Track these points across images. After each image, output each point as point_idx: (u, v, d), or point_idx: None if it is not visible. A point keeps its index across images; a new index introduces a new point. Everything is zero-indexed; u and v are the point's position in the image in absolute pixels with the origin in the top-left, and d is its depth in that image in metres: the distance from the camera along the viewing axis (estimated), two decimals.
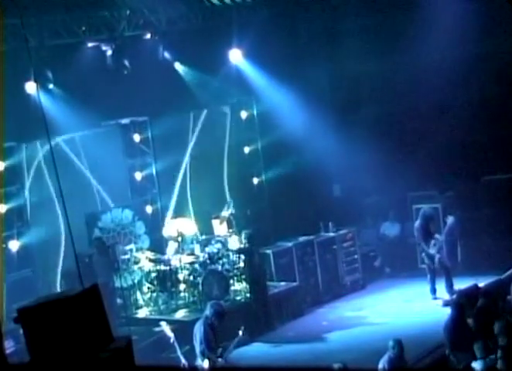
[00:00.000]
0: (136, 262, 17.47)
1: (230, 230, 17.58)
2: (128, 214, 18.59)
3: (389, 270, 19.69)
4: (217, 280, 16.69)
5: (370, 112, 19.49)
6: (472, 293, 14.35)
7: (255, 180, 20.89)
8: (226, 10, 18.78)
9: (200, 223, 18.28)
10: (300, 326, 16.95)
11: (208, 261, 16.92)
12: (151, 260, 17.31)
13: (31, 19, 15.81)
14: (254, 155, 20.83)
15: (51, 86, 16.71)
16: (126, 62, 17.66)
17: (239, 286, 17.16)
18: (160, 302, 17.14)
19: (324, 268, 18.44)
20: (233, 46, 19.44)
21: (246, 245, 17.01)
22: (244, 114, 20.79)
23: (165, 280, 17.06)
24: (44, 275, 17.05)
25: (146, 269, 17.29)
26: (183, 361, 13.32)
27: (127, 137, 19.13)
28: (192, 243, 17.46)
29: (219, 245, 17.18)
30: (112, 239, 18.01)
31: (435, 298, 17.22)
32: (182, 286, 17.01)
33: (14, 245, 16.46)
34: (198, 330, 13.31)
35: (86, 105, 16.53)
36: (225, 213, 17.86)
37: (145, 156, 19.15)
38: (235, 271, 17.12)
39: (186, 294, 16.98)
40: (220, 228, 17.73)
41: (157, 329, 14.69)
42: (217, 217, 17.87)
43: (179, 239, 17.26)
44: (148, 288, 17.30)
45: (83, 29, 17.19)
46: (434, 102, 19.12)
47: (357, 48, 19.70)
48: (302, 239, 18.46)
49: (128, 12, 17.79)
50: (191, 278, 16.87)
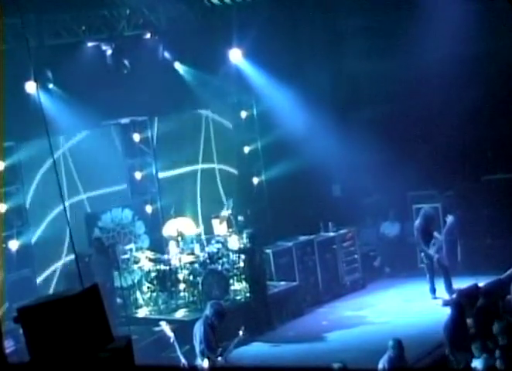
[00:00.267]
0: (136, 262, 17.46)
1: (230, 230, 17.58)
2: (128, 214, 18.59)
3: (389, 269, 19.68)
4: (217, 279, 16.68)
5: (370, 112, 19.46)
6: (472, 293, 14.34)
7: (255, 180, 20.89)
8: (226, 10, 18.77)
9: (201, 223, 18.29)
10: (300, 326, 16.94)
11: (208, 261, 16.92)
12: (151, 260, 17.30)
13: (31, 19, 15.82)
14: (254, 155, 20.82)
15: (51, 85, 16.73)
16: (126, 61, 17.67)
17: (239, 286, 17.16)
18: (160, 302, 17.13)
19: (324, 268, 18.43)
20: (233, 46, 19.43)
21: (248, 244, 17.01)
22: (244, 114, 20.78)
23: (164, 279, 17.06)
24: (44, 275, 17.06)
25: (146, 269, 17.28)
26: (183, 361, 13.29)
27: (127, 136, 19.13)
28: (192, 243, 17.46)
29: (219, 245, 17.19)
30: (112, 238, 18.02)
31: (435, 298, 17.20)
32: (182, 286, 17.00)
33: (13, 245, 16.46)
34: (198, 330, 13.30)
35: (86, 105, 16.52)
36: (225, 213, 17.86)
37: (145, 156, 19.15)
38: (235, 271, 17.13)
39: (186, 294, 16.97)
40: (220, 228, 17.73)
41: (157, 329, 14.66)
42: (217, 217, 17.87)
43: (179, 238, 17.26)
44: (148, 288, 17.29)
45: (83, 29, 17.20)
46: (434, 102, 19.10)
47: (357, 47, 19.69)
48: (302, 238, 18.46)
49: (128, 12, 17.80)
50: (191, 278, 16.86)
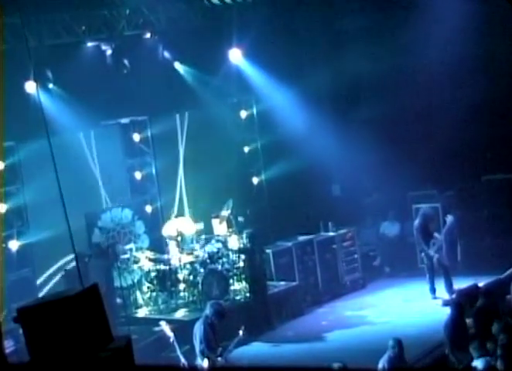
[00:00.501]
0: (136, 261, 17.46)
1: (230, 230, 17.58)
2: (128, 213, 18.59)
3: (389, 269, 19.68)
4: (217, 279, 16.68)
5: (370, 111, 19.46)
6: (471, 293, 14.34)
7: (255, 180, 20.89)
8: (226, 9, 18.77)
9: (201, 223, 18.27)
10: (300, 326, 16.94)
11: (208, 261, 16.92)
12: (150, 260, 17.30)
13: (31, 19, 15.81)
14: (254, 155, 20.83)
15: (51, 85, 16.73)
16: (126, 61, 17.66)
17: (239, 285, 17.16)
18: (160, 302, 17.13)
19: (324, 268, 18.43)
20: (233, 46, 19.43)
21: (247, 244, 17.01)
22: (244, 114, 20.79)
23: (164, 279, 17.05)
24: (44, 275, 17.05)
25: (146, 268, 17.28)
26: (183, 360, 13.30)
27: (126, 136, 19.12)
28: (192, 243, 17.45)
29: (219, 244, 17.18)
30: (112, 238, 18.02)
31: (435, 298, 17.20)
32: (181, 285, 17.00)
33: (13, 245, 16.46)
34: (198, 329, 13.30)
35: (85, 104, 16.52)
36: (225, 213, 17.85)
37: (145, 156, 19.15)
38: (235, 271, 17.12)
39: (186, 294, 16.96)
40: (220, 227, 17.72)
41: (157, 329, 14.66)
42: (217, 217, 17.86)
43: (179, 238, 17.25)
44: (148, 288, 17.29)
45: (82, 29, 17.19)
46: (434, 102, 19.11)
47: (357, 48, 19.67)
48: (302, 238, 18.46)
49: (128, 12, 17.79)
50: (191, 278, 16.86)
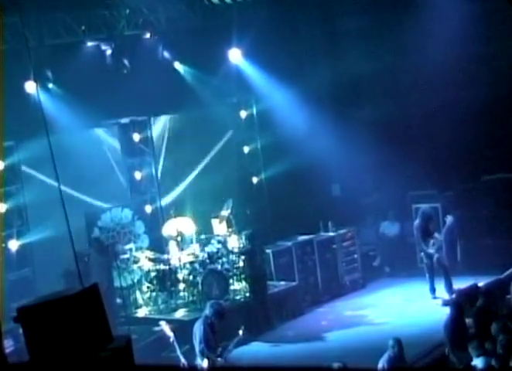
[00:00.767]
0: (136, 261, 17.47)
1: (230, 230, 17.58)
2: (128, 213, 18.60)
3: (388, 269, 19.68)
4: (217, 279, 16.68)
5: (370, 111, 19.47)
6: (471, 292, 14.34)
7: (255, 179, 20.89)
8: (225, 9, 18.78)
9: (200, 223, 18.27)
10: (299, 325, 16.94)
11: (208, 261, 16.92)
12: (150, 260, 17.30)
13: (31, 19, 15.82)
14: (254, 155, 20.84)
15: (51, 85, 16.74)
16: (126, 61, 17.67)
17: (238, 285, 17.16)
18: (160, 301, 17.14)
19: (323, 267, 18.43)
20: (232, 46, 19.43)
21: (247, 245, 17.01)
22: (244, 114, 20.80)
23: (164, 279, 17.06)
24: (43, 274, 17.04)
25: (146, 268, 17.28)
26: (183, 360, 13.30)
27: (126, 136, 19.13)
28: (191, 243, 17.45)
29: (218, 245, 17.18)
30: (112, 238, 18.02)
31: (435, 298, 17.19)
32: (181, 285, 17.00)
33: (13, 244, 16.47)
34: (197, 329, 13.30)
35: (85, 104, 16.52)
36: (224, 213, 17.85)
37: (145, 155, 19.15)
38: (235, 271, 17.13)
39: (186, 294, 16.97)
40: (220, 227, 17.72)
41: (156, 329, 14.66)
42: (217, 217, 17.86)
43: (179, 238, 17.26)
44: (148, 288, 17.29)
45: (82, 29, 17.20)
46: (434, 102, 19.10)
47: (357, 47, 19.68)
48: (302, 238, 18.45)
49: (128, 12, 17.80)
50: (190, 278, 16.86)
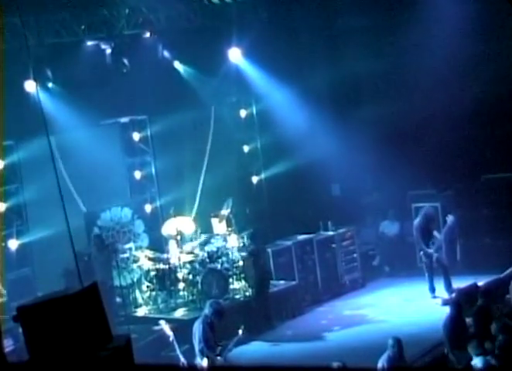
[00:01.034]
0: (135, 260, 17.47)
1: (230, 229, 17.58)
2: (127, 213, 18.61)
3: (388, 268, 19.68)
4: (217, 278, 16.68)
5: (370, 111, 19.45)
6: (471, 292, 14.34)
7: (254, 179, 20.89)
8: (225, 9, 18.77)
9: (200, 222, 18.28)
10: (299, 325, 16.93)
11: (207, 260, 16.92)
12: (150, 259, 17.30)
13: (30, 18, 15.81)
14: (254, 154, 20.83)
15: (50, 84, 16.74)
16: (125, 60, 17.65)
17: (238, 285, 17.16)
18: (159, 301, 17.14)
19: (323, 267, 18.43)
20: (232, 45, 19.42)
21: (250, 244, 17.00)
22: (244, 113, 20.79)
23: (164, 278, 17.06)
24: (43, 274, 17.04)
25: (145, 267, 17.28)
26: (182, 360, 13.29)
27: (126, 135, 19.13)
28: (191, 242, 17.44)
29: (218, 244, 17.18)
30: (111, 237, 18.03)
31: (434, 297, 17.18)
32: (181, 285, 17.00)
33: (13, 244, 16.47)
34: (197, 329, 13.30)
35: (85, 104, 16.53)
36: (224, 212, 17.85)
37: (145, 155, 19.16)
38: (234, 270, 17.13)
39: (185, 293, 16.97)
40: (219, 227, 17.72)
41: (156, 328, 14.65)
42: (216, 216, 17.86)
43: (179, 237, 17.26)
44: (148, 287, 17.29)
45: (82, 28, 17.19)
46: (433, 101, 19.09)
47: (357, 47, 19.67)
48: (302, 237, 18.44)
49: (128, 11, 17.78)
50: (190, 277, 16.87)
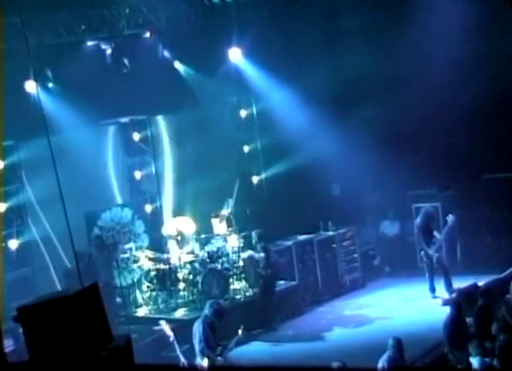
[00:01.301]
0: (135, 261, 17.47)
1: (230, 229, 17.58)
2: (128, 213, 18.61)
3: (388, 268, 19.68)
4: (217, 279, 16.68)
5: (370, 111, 19.44)
6: (471, 292, 14.34)
7: (255, 179, 20.89)
8: (225, 9, 18.77)
9: (200, 222, 18.28)
10: (299, 325, 16.93)
11: (207, 260, 16.92)
12: (150, 259, 17.31)
13: (30, 18, 15.79)
14: (254, 154, 20.83)
15: (50, 84, 16.75)
16: (125, 60, 17.66)
17: (238, 285, 17.16)
18: (159, 301, 17.14)
19: (323, 267, 18.43)
20: (232, 45, 19.43)
21: (257, 244, 16.99)
22: (244, 113, 20.79)
23: (164, 278, 17.06)
24: (43, 274, 17.05)
25: (146, 268, 17.28)
26: (183, 360, 13.31)
27: (126, 135, 19.13)
28: (191, 242, 17.44)
29: (218, 244, 17.18)
30: (112, 237, 18.03)
31: (435, 297, 17.18)
32: (181, 285, 17.00)
33: (13, 244, 16.47)
34: (197, 329, 13.31)
35: (85, 104, 16.53)
36: (224, 212, 17.85)
37: (145, 155, 19.16)
38: (234, 270, 17.13)
39: (186, 293, 16.97)
40: (220, 227, 17.72)
41: (156, 328, 14.66)
42: (217, 216, 17.86)
43: (179, 238, 17.26)
44: (148, 287, 17.29)
45: (82, 28, 17.19)
46: (434, 101, 19.09)
47: (357, 47, 19.66)
48: (302, 238, 18.44)
49: (128, 11, 17.78)
50: (190, 277, 16.87)
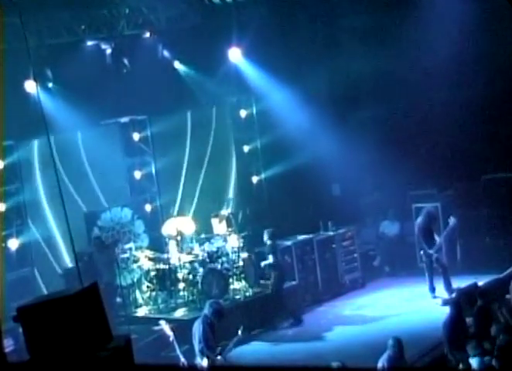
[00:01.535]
0: (135, 261, 17.47)
1: (230, 229, 17.57)
2: (128, 213, 18.60)
3: (388, 268, 19.66)
4: (217, 279, 16.68)
5: (370, 111, 19.46)
6: (471, 292, 14.33)
7: (255, 179, 20.88)
8: (225, 8, 18.77)
9: (200, 222, 18.28)
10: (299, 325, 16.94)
11: (207, 260, 16.92)
12: (150, 259, 17.30)
13: (30, 18, 15.80)
14: (254, 154, 20.82)
15: (50, 84, 16.74)
16: (125, 60, 17.67)
17: (238, 285, 17.16)
18: (159, 301, 17.13)
19: (323, 267, 18.43)
20: (232, 45, 19.42)
21: (268, 243, 17.02)
22: (244, 113, 20.78)
23: (164, 278, 17.06)
24: (43, 274, 17.05)
25: (145, 268, 17.28)
26: (182, 360, 13.31)
27: (126, 135, 19.13)
28: (191, 242, 17.44)
29: (218, 244, 17.18)
30: (111, 237, 18.02)
31: (434, 297, 17.18)
32: (181, 285, 17.00)
33: (13, 244, 16.47)
34: (197, 329, 13.31)
35: (85, 104, 16.53)
36: (224, 212, 17.84)
37: (145, 155, 19.15)
38: (234, 270, 17.13)
39: (186, 293, 16.97)
40: (220, 227, 17.72)
41: (156, 328, 14.67)
42: (217, 216, 17.86)
43: (179, 237, 17.26)
44: (148, 287, 17.29)
45: (82, 28, 17.20)
46: (434, 101, 19.11)
47: (357, 47, 19.67)
48: (302, 238, 18.43)
49: (128, 11, 17.79)
50: (190, 277, 16.86)
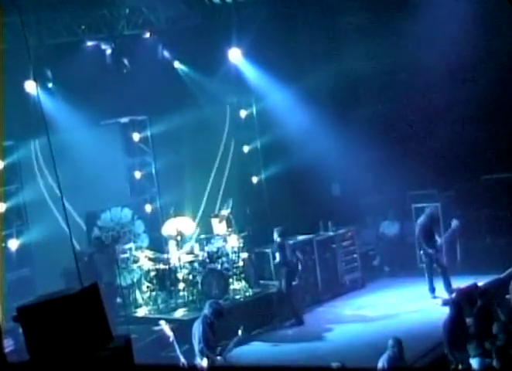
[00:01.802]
0: (135, 261, 17.47)
1: (230, 229, 17.58)
2: (128, 213, 18.61)
3: (388, 269, 19.67)
4: (217, 279, 16.69)
5: (370, 111, 19.47)
6: (471, 292, 14.34)
7: (254, 179, 20.88)
8: (225, 9, 18.77)
9: (200, 222, 18.30)
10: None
11: (207, 260, 16.93)
12: (150, 259, 17.31)
13: (30, 18, 15.82)
14: (254, 154, 20.82)
15: (50, 85, 16.74)
16: (125, 61, 17.67)
17: (238, 285, 17.17)
18: (159, 301, 17.14)
19: (323, 267, 18.43)
20: (232, 45, 19.42)
21: (278, 240, 17.03)
22: (244, 113, 20.78)
23: (164, 279, 17.06)
24: (43, 274, 17.04)
25: (145, 268, 17.29)
26: (182, 360, 13.32)
27: (126, 136, 19.13)
28: (191, 242, 17.45)
29: (218, 244, 17.18)
30: (111, 238, 18.02)
31: (434, 297, 17.19)
32: (181, 285, 17.00)
33: (13, 244, 16.47)
34: (197, 329, 13.31)
35: (85, 104, 16.53)
36: (224, 212, 17.85)
37: (145, 155, 19.16)
38: (234, 270, 17.14)
39: (185, 293, 16.97)
40: (220, 227, 17.72)
41: (156, 328, 14.67)
42: (216, 216, 17.87)
43: (179, 238, 17.26)
44: (148, 287, 17.29)
45: (82, 28, 17.20)
46: (434, 101, 19.11)
47: (357, 47, 19.68)
48: (302, 238, 18.44)
49: (128, 11, 17.80)
50: (190, 277, 16.87)
